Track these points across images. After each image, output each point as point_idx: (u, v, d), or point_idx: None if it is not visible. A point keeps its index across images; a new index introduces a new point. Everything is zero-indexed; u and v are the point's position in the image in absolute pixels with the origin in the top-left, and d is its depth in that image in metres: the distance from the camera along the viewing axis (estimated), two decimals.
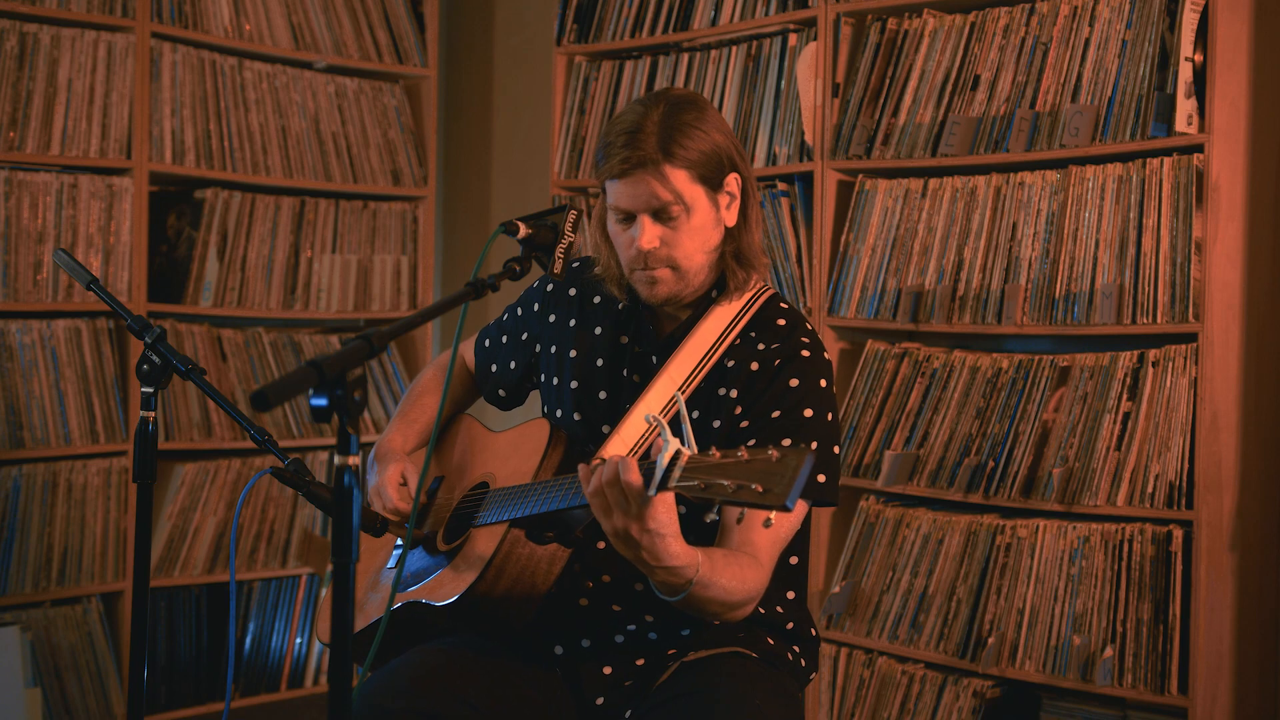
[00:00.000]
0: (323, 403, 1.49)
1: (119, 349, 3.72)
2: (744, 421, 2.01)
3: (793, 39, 3.39)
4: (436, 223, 4.52)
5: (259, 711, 3.94)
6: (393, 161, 4.26)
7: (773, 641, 2.08)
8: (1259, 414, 2.85)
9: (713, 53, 3.56)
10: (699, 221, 2.00)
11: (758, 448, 1.58)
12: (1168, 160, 2.78)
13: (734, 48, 3.52)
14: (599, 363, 2.14)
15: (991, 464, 2.98)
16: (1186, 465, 2.74)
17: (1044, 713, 2.94)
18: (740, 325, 2.06)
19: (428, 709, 1.93)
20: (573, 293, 2.22)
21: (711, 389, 2.04)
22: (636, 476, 1.69)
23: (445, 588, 2.00)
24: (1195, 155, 2.75)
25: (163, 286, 3.87)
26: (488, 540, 1.99)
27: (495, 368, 2.32)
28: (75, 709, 3.62)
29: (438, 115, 4.40)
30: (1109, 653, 2.77)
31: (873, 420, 3.21)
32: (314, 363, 1.48)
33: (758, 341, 2.05)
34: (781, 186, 3.37)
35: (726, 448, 1.62)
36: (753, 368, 2.03)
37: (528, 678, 2.04)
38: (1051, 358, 2.97)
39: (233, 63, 3.93)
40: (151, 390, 2.15)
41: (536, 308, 2.27)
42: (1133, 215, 2.83)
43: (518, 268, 1.97)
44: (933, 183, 3.15)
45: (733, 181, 2.04)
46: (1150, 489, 2.77)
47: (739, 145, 2.06)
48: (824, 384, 2.03)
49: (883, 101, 3.24)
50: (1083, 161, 2.91)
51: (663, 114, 1.98)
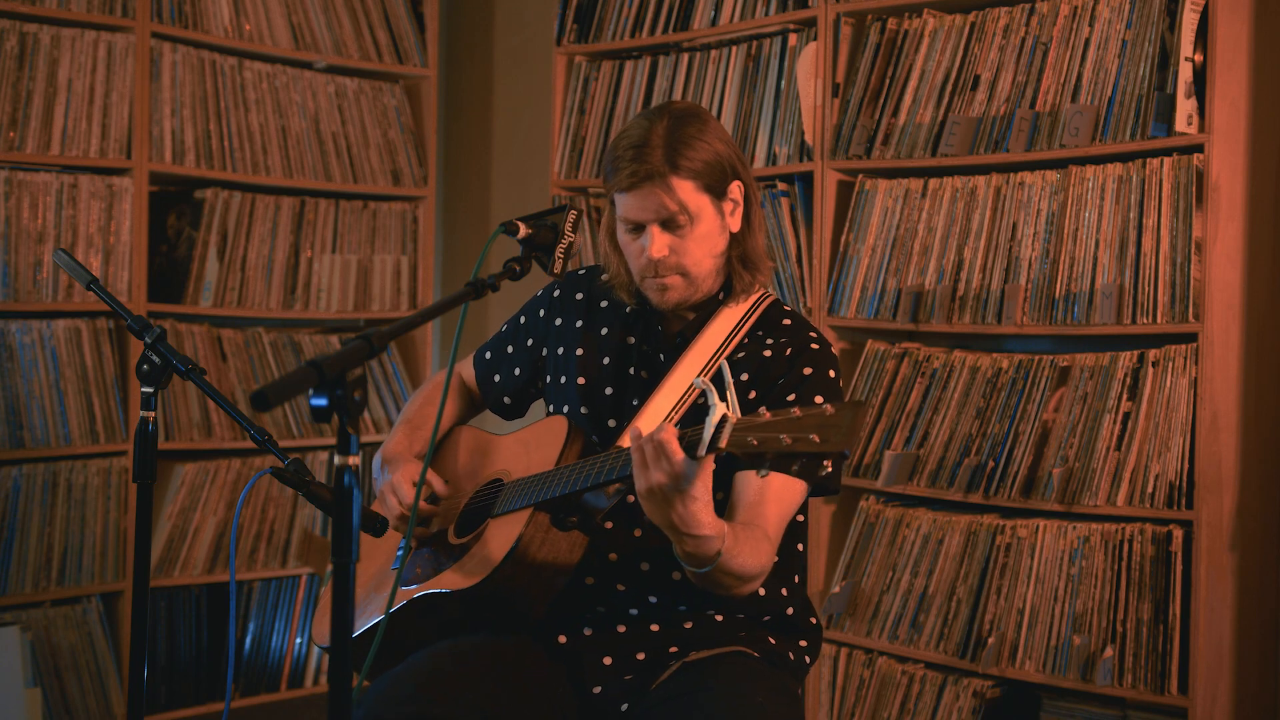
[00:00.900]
0: (323, 403, 1.49)
1: (119, 349, 3.72)
2: (760, 406, 2.03)
3: (793, 39, 3.39)
4: (436, 223, 4.52)
5: (259, 711, 3.94)
6: (393, 161, 4.26)
7: (774, 640, 2.09)
8: (1259, 414, 2.85)
9: (713, 53, 3.56)
10: (705, 229, 2.08)
11: (809, 405, 1.63)
12: (1168, 160, 2.78)
13: (734, 48, 3.52)
14: (605, 360, 2.19)
15: (991, 464, 2.98)
16: (1186, 465, 2.74)
17: (1044, 713, 2.94)
18: (747, 326, 2.14)
19: (429, 714, 1.93)
20: (580, 297, 2.28)
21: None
22: (675, 445, 1.71)
23: (460, 578, 2.01)
24: (1195, 155, 2.75)
25: (163, 286, 3.87)
26: (508, 529, 2.01)
27: (499, 377, 2.36)
28: (75, 709, 3.62)
29: (438, 115, 4.40)
30: (1109, 653, 2.77)
31: (873, 420, 3.21)
32: (314, 363, 1.49)
33: (766, 338, 2.13)
34: (781, 186, 3.37)
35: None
36: (765, 355, 2.10)
37: (529, 675, 2.04)
38: (1051, 358, 2.97)
39: (233, 63, 3.93)
40: (151, 390, 2.15)
41: (542, 313, 2.32)
42: (1133, 215, 2.83)
43: (518, 268, 1.99)
44: (933, 183, 3.15)
45: (735, 189, 2.11)
46: (1150, 489, 2.77)
47: (740, 153, 2.14)
48: (833, 374, 2.11)
49: (883, 101, 3.24)
50: (1083, 161, 2.91)
51: (667, 127, 2.05)
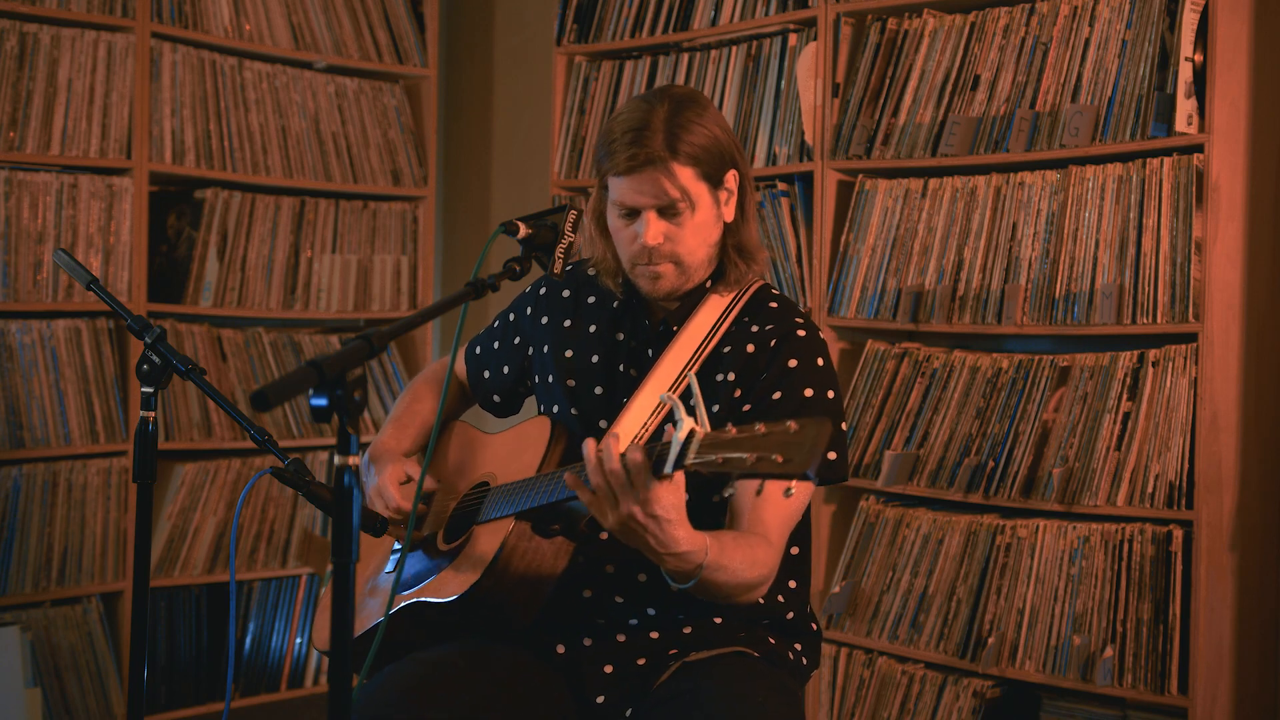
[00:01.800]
0: (323, 403, 1.49)
1: (119, 349, 3.72)
2: (745, 405, 2.03)
3: (793, 39, 3.39)
4: (436, 223, 4.52)
5: (259, 711, 3.94)
6: (393, 161, 4.26)
7: (774, 641, 2.08)
8: (1259, 414, 2.85)
9: (713, 53, 3.56)
10: (702, 218, 2.04)
11: (775, 421, 1.59)
12: (1168, 160, 2.78)
13: (734, 48, 3.52)
14: (594, 359, 2.15)
15: (991, 464, 2.98)
16: (1186, 465, 2.74)
17: (1044, 713, 2.94)
18: (734, 312, 2.09)
19: (421, 718, 1.92)
20: (566, 294, 2.24)
21: (709, 375, 2.06)
22: (640, 455, 1.70)
23: (449, 585, 1.99)
24: (1195, 155, 2.75)
25: (163, 286, 3.87)
26: (492, 536, 1.99)
27: (488, 374, 2.34)
28: (75, 709, 3.62)
29: (438, 115, 4.40)
30: (1109, 653, 2.77)
31: (873, 420, 3.21)
32: (314, 363, 1.48)
33: (751, 325, 2.08)
34: (781, 186, 3.37)
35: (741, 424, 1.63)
36: (749, 350, 2.06)
37: (526, 681, 2.03)
38: (1051, 358, 2.97)
39: (233, 63, 3.93)
40: (151, 390, 2.14)
41: (529, 311, 2.28)
42: (1133, 215, 2.83)
43: (518, 268, 1.98)
44: (933, 183, 3.15)
45: (731, 178, 2.07)
46: (1150, 489, 2.77)
47: (738, 142, 2.09)
48: (821, 362, 2.05)
49: (883, 101, 3.24)
50: (1083, 161, 2.91)
51: (668, 111, 2.00)
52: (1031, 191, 2.99)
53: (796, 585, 2.13)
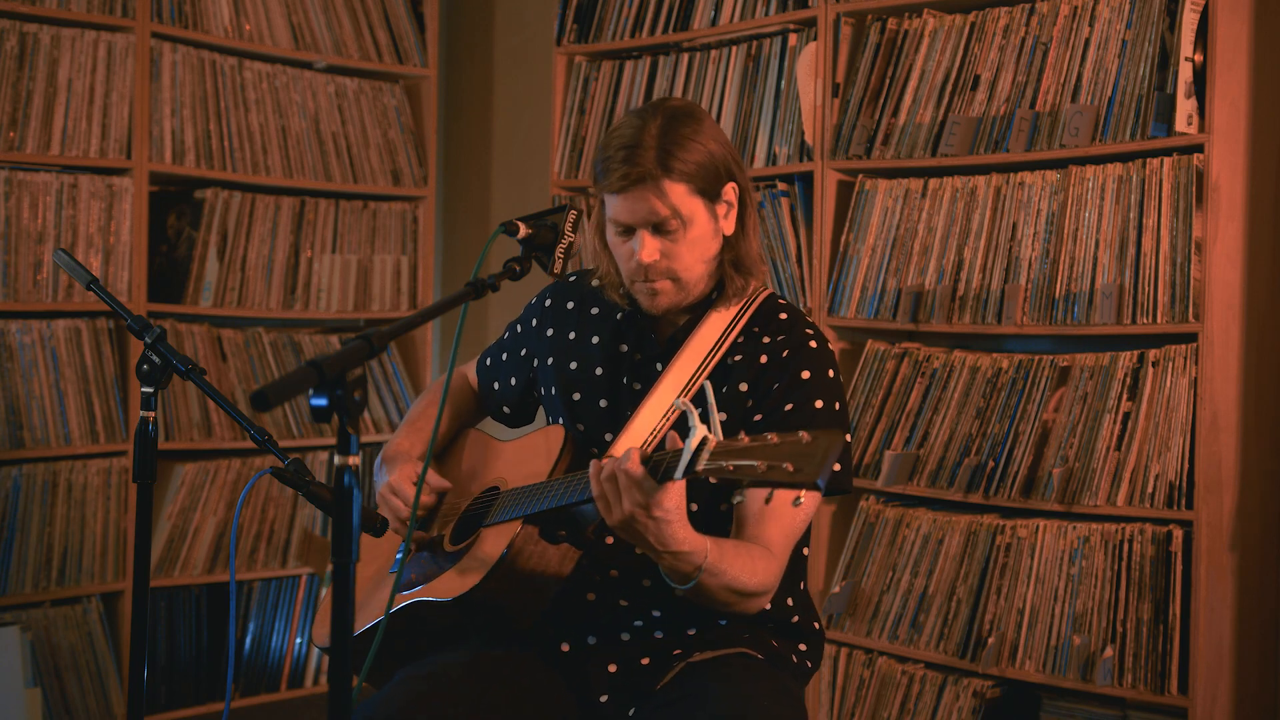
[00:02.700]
0: (323, 403, 1.49)
1: (119, 349, 3.72)
2: (756, 415, 2.03)
3: (793, 39, 3.39)
4: (436, 223, 4.52)
5: (259, 711, 3.94)
6: (393, 161, 4.26)
7: (777, 644, 2.09)
8: (1259, 414, 2.85)
9: (713, 53, 3.56)
10: (697, 233, 2.03)
11: (787, 431, 1.62)
12: (1168, 160, 2.78)
13: (734, 48, 3.52)
14: (598, 371, 2.15)
15: (991, 464, 2.98)
16: (1186, 465, 2.74)
17: (1044, 713, 2.94)
18: (742, 323, 2.09)
19: None
20: (570, 306, 2.24)
21: (717, 386, 2.05)
22: (638, 467, 1.73)
23: (453, 584, 2.00)
24: (1195, 155, 2.75)
25: (163, 286, 3.87)
26: (498, 538, 2.00)
27: (497, 385, 2.35)
28: (75, 709, 3.62)
29: (438, 115, 4.40)
30: (1109, 653, 2.77)
31: (873, 420, 3.21)
32: (314, 363, 1.48)
33: (762, 335, 2.09)
34: (781, 186, 3.37)
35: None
36: (761, 361, 2.06)
37: (529, 681, 2.03)
38: (1051, 358, 2.97)
39: (233, 63, 3.93)
40: (151, 390, 2.14)
41: (534, 323, 2.29)
42: (1133, 215, 2.83)
43: (518, 268, 1.98)
44: (933, 183, 3.15)
45: (730, 191, 2.06)
46: (1150, 489, 2.77)
47: (735, 154, 2.08)
48: (832, 374, 2.07)
49: (883, 101, 3.24)
50: (1083, 161, 2.91)
51: (660, 127, 1.99)
52: (1031, 191, 2.99)
53: (804, 587, 2.14)
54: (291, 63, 4.06)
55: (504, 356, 2.34)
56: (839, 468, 2.02)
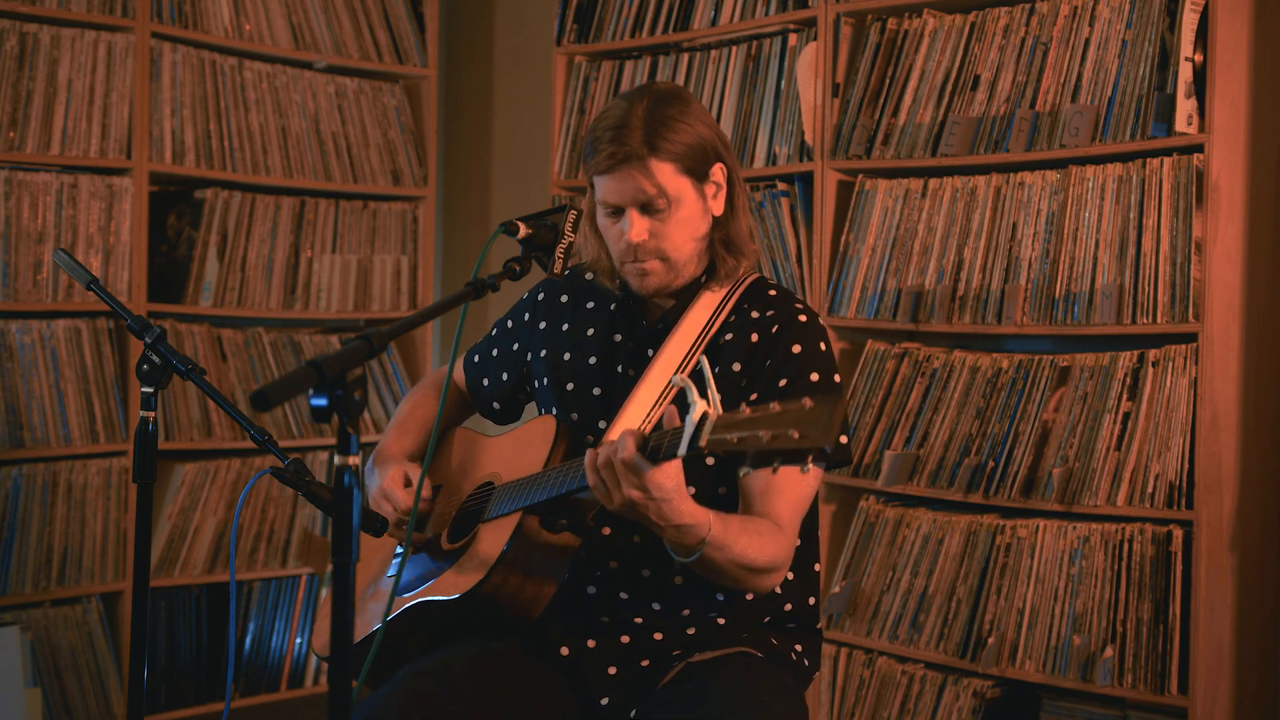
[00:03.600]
0: (323, 403, 1.49)
1: (119, 349, 3.72)
2: (752, 394, 2.03)
3: (793, 39, 3.39)
4: (436, 223, 4.52)
5: (259, 711, 3.94)
6: (393, 161, 4.26)
7: (776, 642, 2.09)
8: (1259, 414, 2.85)
9: (713, 53, 3.56)
10: (686, 213, 2.04)
11: (790, 400, 1.59)
12: (1168, 160, 2.78)
13: (734, 48, 3.52)
14: (592, 360, 2.16)
15: (991, 464, 2.98)
16: (1186, 465, 2.74)
17: (1044, 713, 2.94)
18: (731, 302, 2.10)
19: None
20: (564, 299, 2.25)
21: (710, 365, 2.05)
22: (632, 453, 1.74)
23: (453, 584, 2.00)
24: (1195, 155, 2.75)
25: (163, 286, 3.87)
26: (498, 533, 2.00)
27: (487, 381, 2.34)
28: (75, 709, 3.62)
29: (438, 115, 4.40)
30: (1109, 653, 2.77)
31: (873, 420, 3.21)
32: (314, 363, 1.48)
33: (751, 311, 2.09)
34: (781, 186, 3.37)
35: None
36: (753, 339, 2.06)
37: (529, 681, 2.03)
38: (1051, 358, 2.97)
39: (233, 63, 3.93)
40: (151, 390, 2.14)
41: (527, 317, 2.29)
42: (1133, 215, 2.83)
43: (518, 268, 1.98)
44: (933, 183, 3.15)
45: (718, 171, 2.07)
46: (1150, 489, 2.77)
47: (723, 135, 2.09)
48: (824, 347, 2.06)
49: (883, 101, 3.24)
50: (1083, 161, 2.91)
51: (647, 108, 2.01)
52: (1031, 191, 2.99)
53: (794, 578, 2.13)
54: (291, 63, 4.06)
55: (494, 352, 2.33)
56: (845, 439, 2.02)
